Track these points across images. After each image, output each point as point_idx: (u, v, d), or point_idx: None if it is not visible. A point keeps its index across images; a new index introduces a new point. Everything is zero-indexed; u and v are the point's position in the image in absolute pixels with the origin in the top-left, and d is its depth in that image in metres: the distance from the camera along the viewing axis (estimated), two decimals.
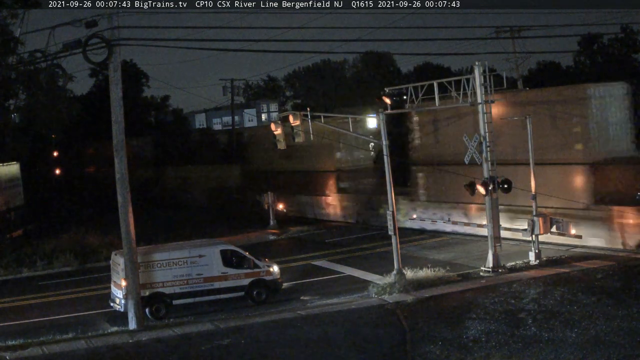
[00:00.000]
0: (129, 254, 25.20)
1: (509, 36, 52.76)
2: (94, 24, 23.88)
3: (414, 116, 41.10)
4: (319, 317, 24.51)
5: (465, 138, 29.29)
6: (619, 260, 28.61)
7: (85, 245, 40.81)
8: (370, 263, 33.23)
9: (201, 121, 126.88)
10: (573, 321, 21.12)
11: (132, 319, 24.95)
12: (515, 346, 19.47)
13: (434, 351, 19.76)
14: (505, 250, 30.58)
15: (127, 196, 25.19)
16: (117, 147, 25.15)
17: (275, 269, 28.28)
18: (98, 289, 31.53)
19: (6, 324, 27.12)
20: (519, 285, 26.02)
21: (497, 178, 28.88)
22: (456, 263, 31.54)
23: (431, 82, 30.17)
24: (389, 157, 28.61)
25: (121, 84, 25.15)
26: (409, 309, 24.49)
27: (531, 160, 30.55)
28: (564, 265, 28.90)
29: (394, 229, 28.31)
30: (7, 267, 38.10)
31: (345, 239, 41.54)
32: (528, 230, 30.21)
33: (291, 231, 45.73)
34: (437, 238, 38.70)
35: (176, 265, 26.82)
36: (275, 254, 36.02)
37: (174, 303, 26.79)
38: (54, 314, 28.30)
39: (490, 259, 28.89)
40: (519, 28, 52.91)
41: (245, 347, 21.72)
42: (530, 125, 30.69)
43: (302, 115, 30.09)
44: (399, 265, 28.14)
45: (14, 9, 40.27)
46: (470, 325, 21.73)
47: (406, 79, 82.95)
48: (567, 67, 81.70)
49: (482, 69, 28.99)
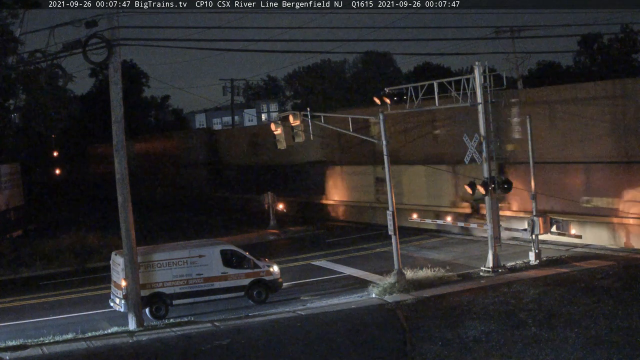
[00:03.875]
0: (129, 254, 25.20)
1: (509, 36, 52.79)
2: (94, 24, 23.87)
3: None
4: (319, 317, 24.52)
5: (465, 138, 29.28)
6: (619, 260, 28.62)
7: (85, 245, 40.82)
8: (370, 263, 33.24)
9: (201, 121, 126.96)
10: (573, 321, 21.11)
11: (132, 319, 24.95)
12: (515, 346, 19.46)
13: (434, 351, 19.75)
14: (505, 250, 30.58)
15: (127, 196, 25.20)
16: (117, 147, 25.16)
17: (275, 269, 28.28)
18: (98, 289, 31.54)
19: (6, 324, 27.13)
20: (519, 285, 26.02)
21: (496, 178, 28.92)
22: (456, 263, 31.55)
23: (431, 82, 30.16)
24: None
25: (121, 84, 25.15)
26: (409, 309, 24.49)
27: (531, 160, 30.57)
28: (564, 265, 28.91)
29: (394, 229, 28.32)
30: (7, 267, 38.12)
31: (345, 239, 41.53)
32: (528, 230, 30.22)
33: (291, 231, 45.76)
34: (437, 238, 38.72)
35: (176, 266, 26.81)
36: (275, 254, 36.02)
37: (174, 303, 26.79)
38: (54, 314, 28.31)
39: (490, 259, 28.89)
40: (519, 28, 52.99)
41: (245, 347, 21.72)
42: (530, 125, 30.74)
43: (302, 115, 30.11)
44: (399, 265, 28.14)
45: (14, 9, 40.27)
46: (470, 325, 21.72)
47: (406, 79, 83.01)
48: (567, 67, 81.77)
49: (482, 69, 28.98)
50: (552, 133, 33.99)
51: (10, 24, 41.31)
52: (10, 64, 39.57)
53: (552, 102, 34.33)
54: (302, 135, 29.97)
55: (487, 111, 29.11)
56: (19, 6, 38.85)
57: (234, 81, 76.93)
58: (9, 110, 48.92)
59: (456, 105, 30.12)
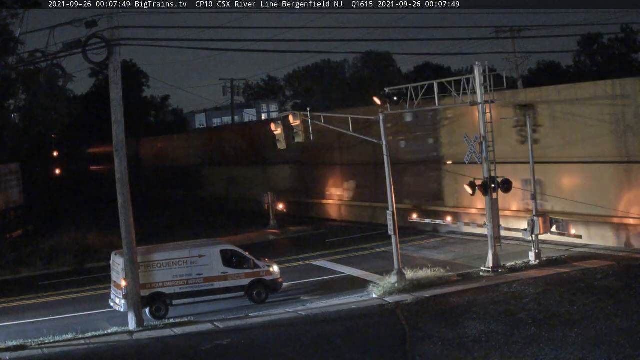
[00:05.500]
0: (129, 254, 25.20)
1: (509, 36, 52.77)
2: (94, 24, 23.87)
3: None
4: (319, 317, 24.52)
5: (466, 138, 29.28)
6: (619, 260, 28.61)
7: (85, 245, 40.83)
8: (370, 263, 33.24)
9: (201, 121, 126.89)
10: (573, 321, 21.11)
11: (132, 319, 24.95)
12: (515, 346, 19.46)
13: (434, 351, 19.75)
14: (505, 250, 30.58)
15: (127, 196, 25.20)
16: (117, 147, 25.16)
17: (275, 269, 28.28)
18: (98, 289, 31.53)
19: (6, 324, 27.12)
20: (519, 285, 26.02)
21: (497, 178, 28.91)
22: (456, 263, 31.54)
23: (431, 82, 30.16)
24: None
25: (121, 84, 25.15)
26: (409, 309, 24.49)
27: (531, 160, 30.57)
28: (564, 265, 28.89)
29: (394, 229, 28.31)
30: (7, 267, 38.11)
31: (345, 238, 41.53)
32: (528, 230, 30.20)
33: (291, 231, 45.74)
34: (437, 238, 38.71)
35: (176, 265, 26.81)
36: (275, 254, 36.02)
37: (174, 303, 26.78)
38: (54, 314, 28.30)
39: (490, 259, 28.88)
40: (519, 28, 52.95)
41: (245, 347, 21.73)
42: (530, 126, 30.72)
43: (302, 115, 30.10)
44: (399, 265, 28.13)
45: (14, 9, 40.30)
46: (470, 325, 21.72)
47: (406, 79, 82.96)
48: (567, 67, 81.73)
49: (482, 69, 28.98)
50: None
51: (10, 24, 41.37)
52: (10, 64, 39.59)
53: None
54: (302, 135, 29.96)
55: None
56: (19, 6, 38.89)
57: (234, 81, 76.90)
58: (9, 110, 48.95)
59: (456, 105, 30.12)
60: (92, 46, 24.11)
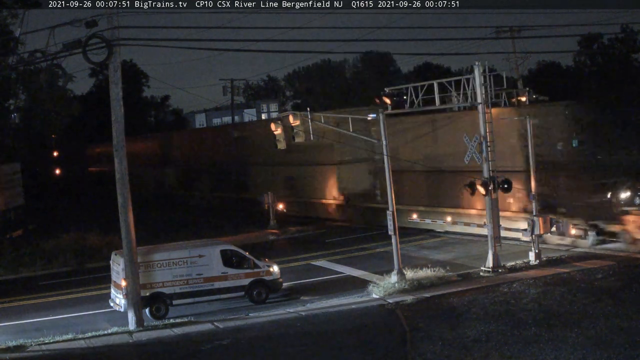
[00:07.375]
0: (129, 254, 25.19)
1: (509, 36, 52.77)
2: (94, 24, 23.84)
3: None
4: (319, 317, 24.52)
5: (466, 138, 29.30)
6: (619, 260, 28.62)
7: (85, 245, 40.75)
8: (370, 263, 33.23)
9: (201, 121, 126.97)
10: (573, 321, 21.12)
11: (132, 319, 24.93)
12: (515, 346, 19.47)
13: (434, 351, 19.75)
14: (505, 250, 30.58)
15: (127, 196, 25.18)
16: (117, 147, 25.14)
17: (275, 269, 28.27)
18: (98, 289, 31.50)
19: (6, 324, 27.10)
20: (519, 285, 26.03)
21: (497, 178, 28.92)
22: (456, 263, 31.53)
23: (431, 82, 30.16)
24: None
25: (121, 84, 25.15)
26: (409, 309, 24.49)
27: (531, 161, 30.60)
28: (564, 265, 28.91)
29: (394, 228, 28.31)
30: (7, 267, 38.07)
31: (345, 239, 41.52)
32: (528, 230, 30.21)
33: (291, 231, 45.72)
34: (437, 238, 38.71)
35: (176, 265, 26.79)
36: (275, 254, 36.00)
37: (174, 303, 26.77)
38: (54, 314, 28.28)
39: (490, 259, 28.88)
40: (519, 28, 52.98)
41: (245, 347, 21.73)
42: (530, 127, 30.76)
43: (302, 115, 30.10)
44: (399, 265, 28.14)
45: (14, 9, 40.30)
46: (470, 325, 21.72)
47: (406, 79, 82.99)
48: (567, 67, 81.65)
49: (482, 69, 28.98)
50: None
51: (10, 24, 41.37)
52: (10, 64, 39.58)
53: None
54: (302, 135, 29.98)
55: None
56: (19, 6, 38.88)
57: (234, 81, 76.80)
58: (9, 110, 48.95)
59: (457, 105, 30.13)
60: (92, 46, 24.08)
